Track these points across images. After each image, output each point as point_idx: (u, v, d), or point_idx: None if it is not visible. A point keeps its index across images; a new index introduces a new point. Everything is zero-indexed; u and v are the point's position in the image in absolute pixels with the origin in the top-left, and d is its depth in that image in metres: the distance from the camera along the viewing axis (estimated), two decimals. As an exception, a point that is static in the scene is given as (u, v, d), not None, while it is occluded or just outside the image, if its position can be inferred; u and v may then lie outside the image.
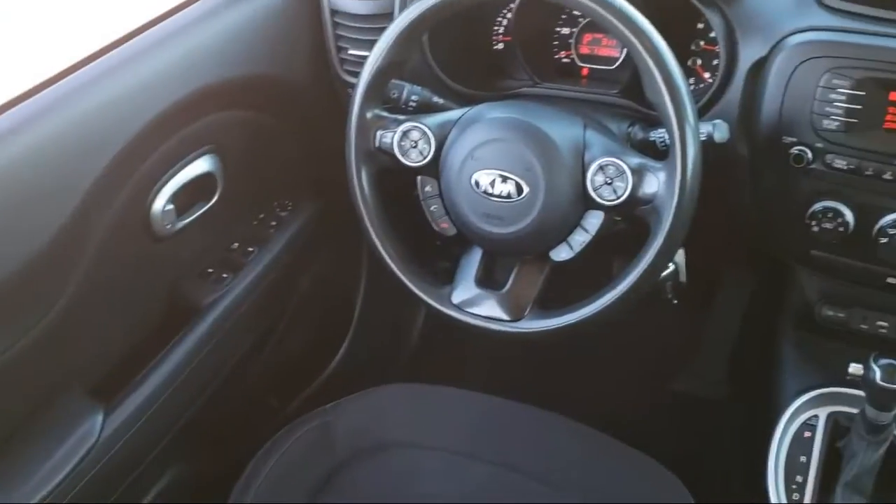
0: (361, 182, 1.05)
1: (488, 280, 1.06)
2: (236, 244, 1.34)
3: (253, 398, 1.48)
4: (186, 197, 1.18)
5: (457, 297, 1.05)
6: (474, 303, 1.04)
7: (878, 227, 1.01)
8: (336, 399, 1.15)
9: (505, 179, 0.96)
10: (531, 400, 1.11)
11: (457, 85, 1.22)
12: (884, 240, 1.00)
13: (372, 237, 1.06)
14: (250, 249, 1.33)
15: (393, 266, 1.06)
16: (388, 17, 1.23)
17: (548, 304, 1.02)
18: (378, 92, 1.04)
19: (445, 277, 1.08)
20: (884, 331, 1.19)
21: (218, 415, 1.32)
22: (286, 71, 1.31)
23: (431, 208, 1.05)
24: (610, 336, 1.14)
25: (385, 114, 1.05)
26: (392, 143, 1.02)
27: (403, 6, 1.20)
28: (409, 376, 1.20)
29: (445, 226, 1.05)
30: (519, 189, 0.95)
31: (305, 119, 1.38)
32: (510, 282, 1.03)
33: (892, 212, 1.00)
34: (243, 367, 1.38)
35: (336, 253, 1.60)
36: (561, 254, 0.99)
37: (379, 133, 1.04)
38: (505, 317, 1.02)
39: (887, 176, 0.98)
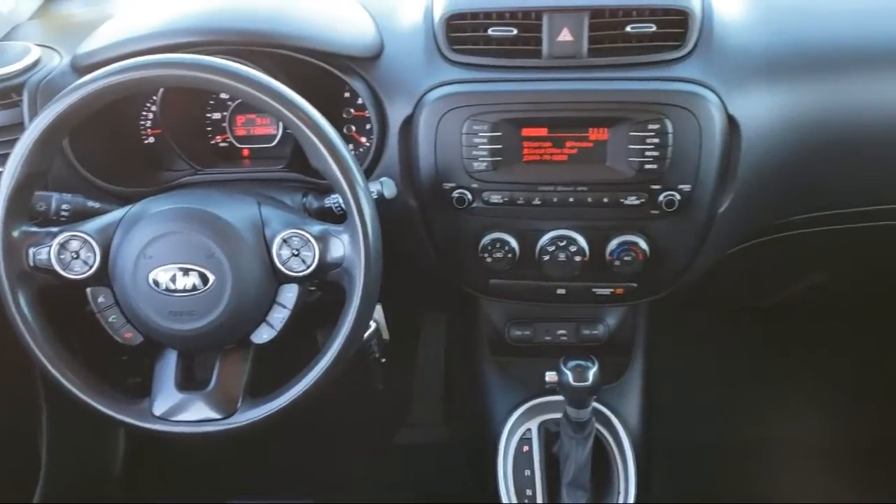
0: (20, 307, 0.93)
1: (190, 381, 0.99)
2: None
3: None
4: None
5: (159, 409, 0.97)
6: (180, 409, 0.97)
7: (538, 247, 1.12)
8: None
9: (186, 272, 0.91)
10: (258, 491, 1.06)
11: (111, 185, 1.15)
12: (546, 257, 1.11)
13: (45, 365, 0.95)
14: None
15: (75, 391, 0.95)
16: (17, 127, 1.12)
17: (260, 389, 0.98)
18: (22, 207, 0.94)
19: (142, 392, 1.00)
20: (564, 338, 1.32)
21: None
22: None
23: (110, 319, 0.96)
24: (327, 406, 1.13)
25: (35, 229, 0.95)
26: (49, 258, 0.93)
27: (34, 114, 1.10)
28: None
29: (129, 335, 0.97)
30: (204, 279, 0.92)
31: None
32: (215, 377, 0.98)
33: (547, 232, 1.11)
34: None
35: (6, 392, 1.41)
36: (262, 335, 0.96)
37: (31, 250, 0.93)
38: (216, 415, 0.96)
39: (536, 202, 1.09)
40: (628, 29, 1.03)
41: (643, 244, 1.10)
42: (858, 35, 1.09)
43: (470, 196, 1.09)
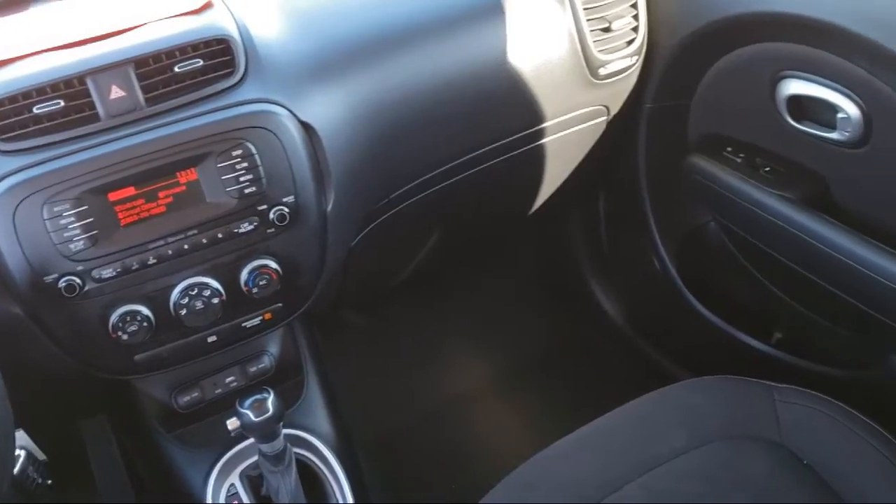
0: None
1: None
2: None
3: None
4: None
5: None
6: None
7: (172, 304, 1.07)
8: None
9: None
10: None
11: None
12: (184, 311, 1.07)
13: None
14: None
15: None
16: None
17: None
18: None
19: None
20: (235, 383, 1.29)
21: None
22: None
23: None
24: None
25: None
26: None
27: None
28: None
29: None
30: None
31: None
32: None
33: (176, 286, 1.07)
34: None
35: None
36: None
37: None
38: None
39: (152, 261, 1.04)
40: (177, 69, 1.03)
41: (273, 264, 1.11)
42: (376, 23, 1.20)
43: (78, 280, 1.01)
